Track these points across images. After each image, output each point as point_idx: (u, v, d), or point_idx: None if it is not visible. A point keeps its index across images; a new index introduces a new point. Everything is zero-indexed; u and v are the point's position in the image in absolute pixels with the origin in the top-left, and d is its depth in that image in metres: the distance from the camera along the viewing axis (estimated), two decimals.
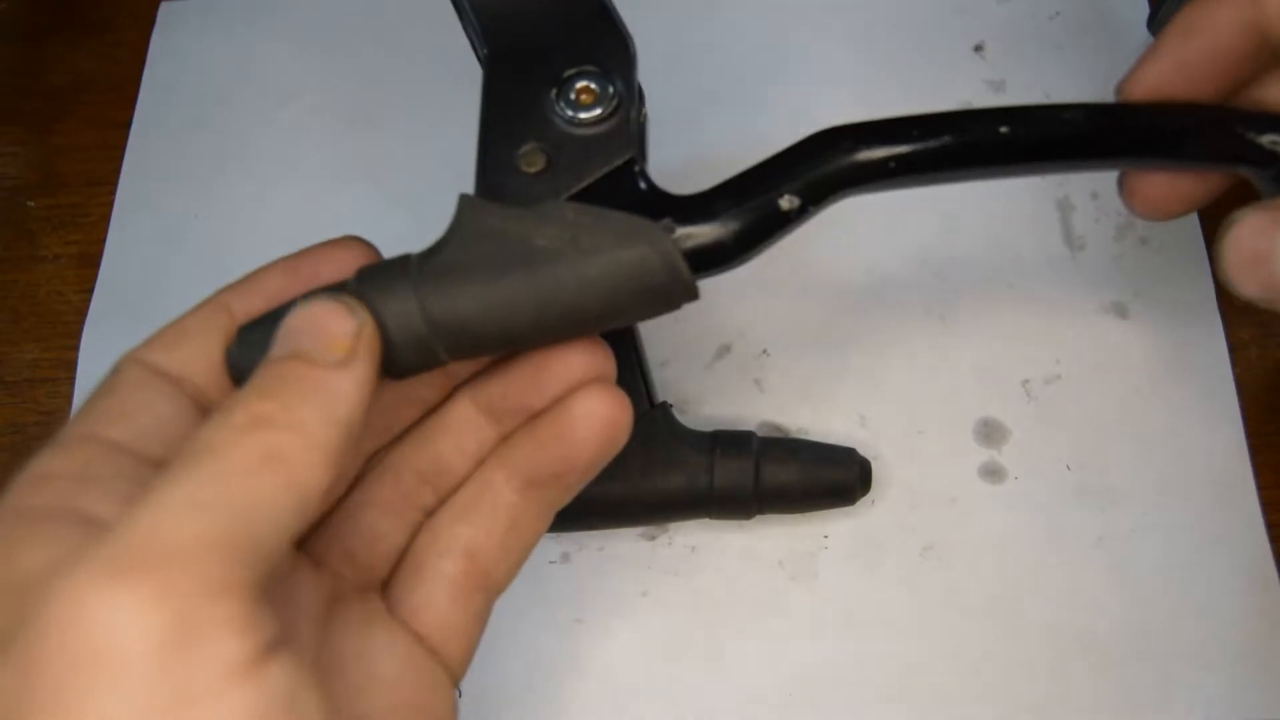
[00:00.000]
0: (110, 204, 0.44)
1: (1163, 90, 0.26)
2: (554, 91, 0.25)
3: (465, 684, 0.34)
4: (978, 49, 0.43)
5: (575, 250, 0.22)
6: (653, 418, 0.34)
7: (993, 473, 0.36)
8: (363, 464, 0.26)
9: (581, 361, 0.25)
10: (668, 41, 0.44)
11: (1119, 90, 0.27)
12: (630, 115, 0.25)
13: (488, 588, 0.26)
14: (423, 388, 0.26)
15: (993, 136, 0.24)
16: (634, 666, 0.34)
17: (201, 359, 0.23)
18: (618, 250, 0.22)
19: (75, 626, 0.17)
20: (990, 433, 0.36)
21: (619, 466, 0.33)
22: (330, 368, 0.21)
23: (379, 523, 0.25)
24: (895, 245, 0.39)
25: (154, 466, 0.21)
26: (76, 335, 0.41)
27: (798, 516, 0.35)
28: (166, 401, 0.22)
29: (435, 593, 0.25)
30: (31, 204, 0.45)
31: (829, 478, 0.34)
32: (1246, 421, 0.36)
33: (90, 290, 0.42)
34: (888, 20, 0.44)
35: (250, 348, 0.23)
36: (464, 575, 0.25)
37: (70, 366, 0.41)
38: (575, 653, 0.35)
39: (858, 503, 0.35)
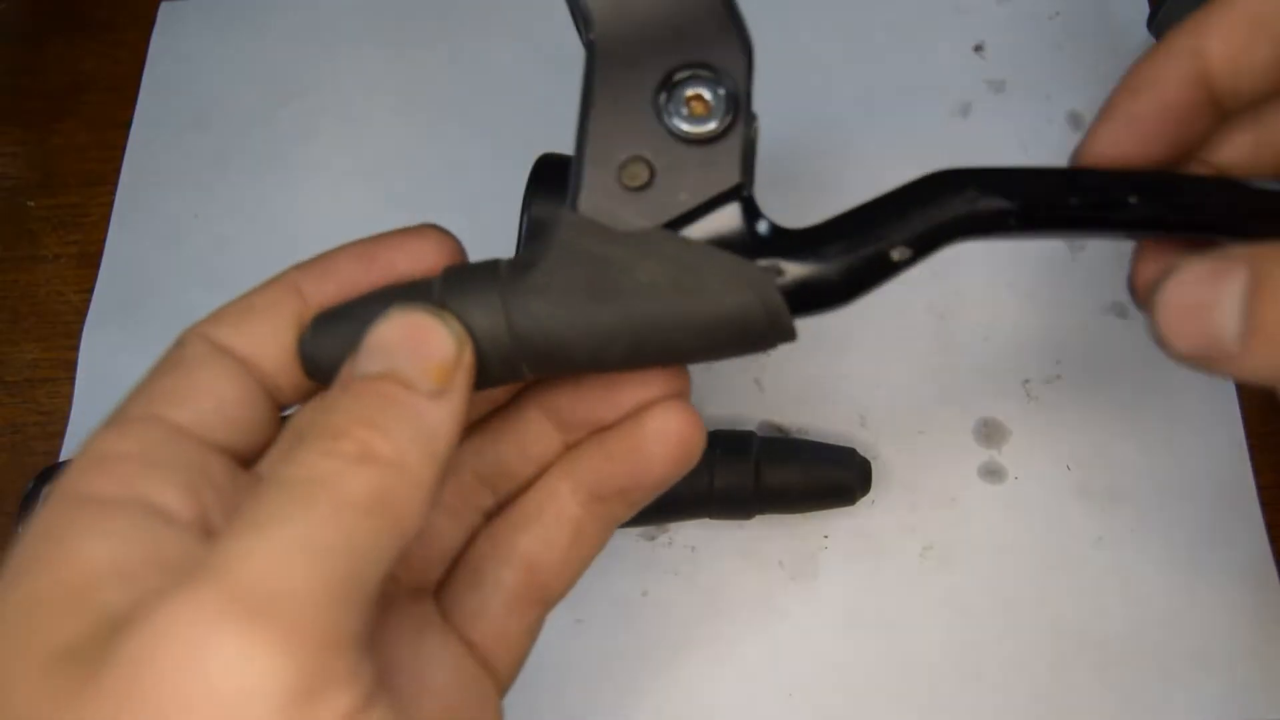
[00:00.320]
0: (110, 204, 0.44)
1: (1119, 153, 0.24)
2: (663, 96, 0.22)
3: None
4: (978, 49, 0.43)
5: (677, 290, 0.21)
6: None
7: (993, 473, 0.36)
8: None
9: (658, 379, 0.24)
10: None
11: (1076, 156, 0.25)
12: (743, 132, 0.22)
13: (544, 600, 0.25)
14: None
15: (1121, 205, 0.23)
16: (634, 666, 0.34)
17: (270, 339, 0.22)
18: (722, 296, 0.22)
19: (194, 666, 0.16)
20: (990, 433, 0.36)
21: None
22: (429, 396, 0.20)
23: (437, 522, 0.24)
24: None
25: (216, 452, 0.21)
26: (76, 335, 0.41)
27: (798, 516, 0.35)
28: (231, 382, 0.21)
29: (491, 601, 0.24)
30: (31, 204, 0.45)
31: (829, 478, 0.34)
32: (1246, 421, 0.36)
33: (90, 290, 0.42)
34: (887, 20, 0.44)
35: (328, 340, 0.22)
36: (522, 586, 0.24)
37: (70, 366, 0.41)
38: (575, 653, 0.35)
39: (858, 503, 0.35)
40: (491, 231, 0.42)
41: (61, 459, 0.39)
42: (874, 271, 0.23)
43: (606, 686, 0.34)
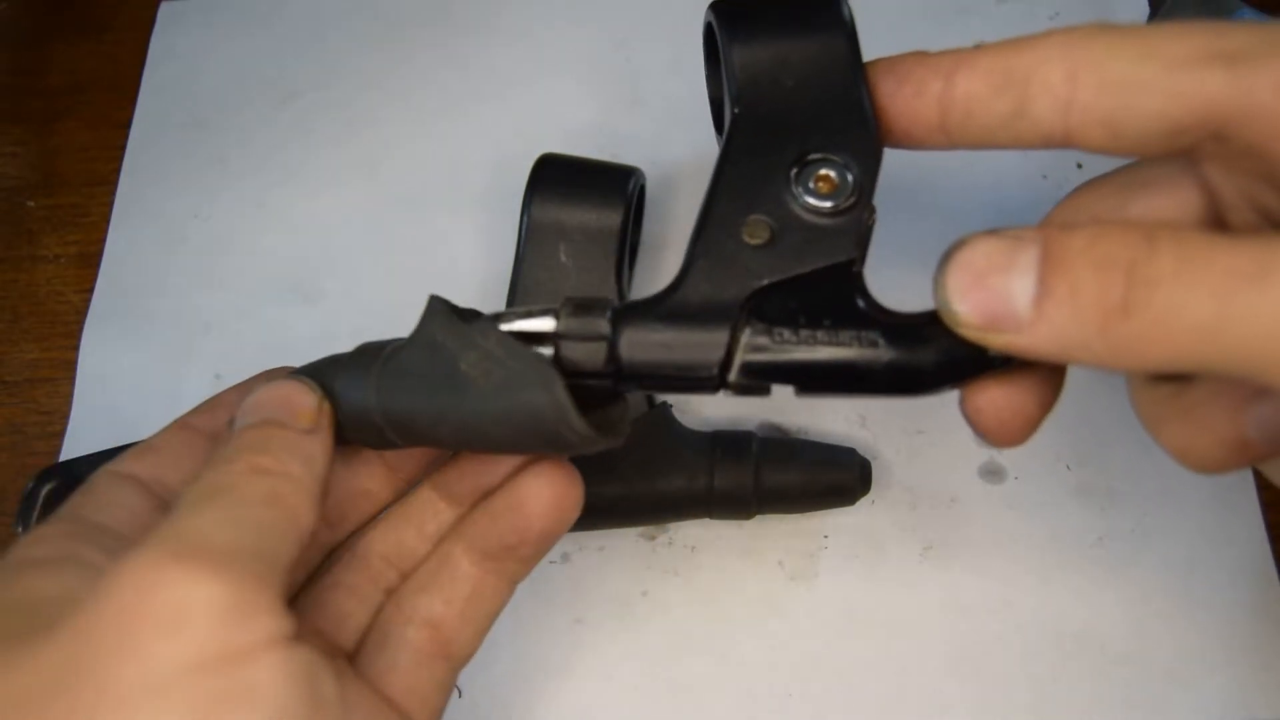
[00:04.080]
0: (110, 204, 0.44)
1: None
2: (794, 170, 0.24)
3: (465, 683, 0.34)
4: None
5: (486, 382, 0.24)
6: (652, 418, 0.34)
7: (993, 473, 0.36)
8: (322, 556, 0.28)
9: None
10: (666, 42, 0.44)
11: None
12: (861, 216, 0.24)
13: (449, 656, 0.27)
14: (369, 480, 0.28)
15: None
16: (634, 666, 0.34)
17: (170, 467, 0.26)
18: (515, 392, 0.23)
19: (148, 590, 0.20)
20: None
21: (618, 466, 0.33)
22: (301, 433, 0.24)
23: (345, 603, 0.27)
24: (894, 245, 0.39)
25: (129, 544, 0.23)
26: (76, 335, 0.41)
27: (798, 516, 0.35)
28: (136, 497, 0.26)
29: (400, 658, 0.27)
30: (31, 204, 0.45)
31: (829, 478, 0.34)
32: None
33: (90, 290, 0.42)
34: (887, 21, 0.44)
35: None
36: (427, 643, 0.27)
37: (70, 366, 0.41)
38: (575, 653, 0.35)
39: (858, 503, 0.35)
40: (491, 231, 0.42)
41: (61, 459, 0.39)
42: (969, 367, 0.23)
43: (606, 686, 0.34)
